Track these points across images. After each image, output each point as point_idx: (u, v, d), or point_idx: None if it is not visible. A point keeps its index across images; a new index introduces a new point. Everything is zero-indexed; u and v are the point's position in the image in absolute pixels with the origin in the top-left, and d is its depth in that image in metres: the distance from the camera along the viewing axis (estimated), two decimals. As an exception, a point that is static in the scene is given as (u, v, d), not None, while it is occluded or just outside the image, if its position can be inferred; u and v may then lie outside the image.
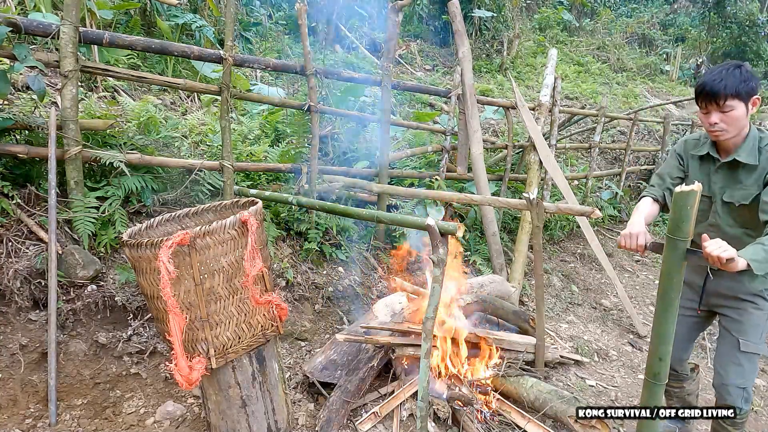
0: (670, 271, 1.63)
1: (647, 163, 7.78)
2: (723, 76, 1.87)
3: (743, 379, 2.10)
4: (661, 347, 1.70)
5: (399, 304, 3.15)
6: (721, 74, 1.88)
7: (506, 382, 2.85)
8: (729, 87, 1.85)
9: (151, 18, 5.42)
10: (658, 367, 1.73)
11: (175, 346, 1.79)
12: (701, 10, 16.33)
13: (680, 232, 1.57)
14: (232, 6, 3.07)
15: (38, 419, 2.34)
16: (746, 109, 1.91)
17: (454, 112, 4.77)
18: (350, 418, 2.59)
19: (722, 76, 1.87)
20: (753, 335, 2.09)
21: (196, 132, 3.94)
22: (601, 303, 4.85)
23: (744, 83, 1.86)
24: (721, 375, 2.14)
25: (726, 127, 1.93)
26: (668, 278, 1.64)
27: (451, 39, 10.57)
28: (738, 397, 2.09)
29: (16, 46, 2.50)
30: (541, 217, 2.84)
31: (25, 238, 2.65)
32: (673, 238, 1.59)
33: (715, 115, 1.92)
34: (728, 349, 2.14)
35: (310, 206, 3.16)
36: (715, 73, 1.90)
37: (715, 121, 1.93)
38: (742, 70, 1.88)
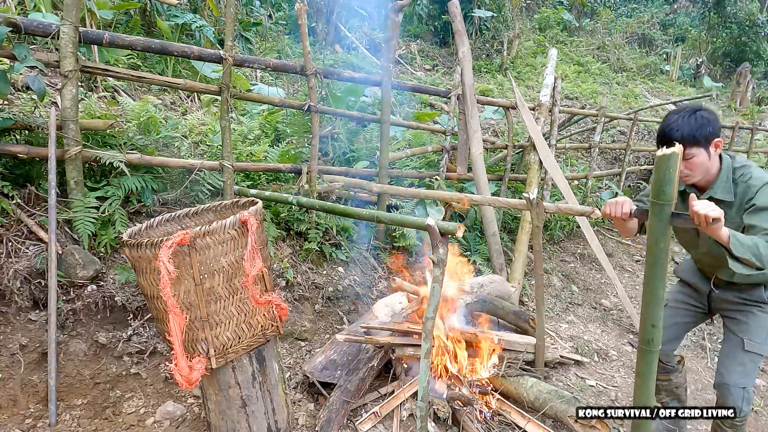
0: (656, 237, 1.63)
1: (647, 163, 7.78)
2: (679, 125, 1.88)
3: (745, 379, 2.12)
4: (652, 313, 1.71)
5: (399, 304, 3.15)
6: (677, 122, 1.89)
7: (506, 382, 2.85)
8: (685, 136, 1.86)
9: (151, 18, 5.42)
10: (650, 333, 1.74)
11: (175, 346, 1.79)
12: (701, 10, 16.33)
13: (664, 196, 1.57)
14: (232, 6, 3.07)
15: (38, 419, 2.34)
16: (708, 154, 1.91)
17: (454, 112, 4.77)
18: (350, 418, 2.59)
19: (678, 125, 1.88)
20: (757, 335, 2.12)
21: (196, 132, 3.94)
22: (601, 303, 4.85)
23: (700, 129, 1.86)
24: (723, 375, 2.16)
25: (690, 173, 1.95)
26: (655, 244, 1.63)
27: (451, 39, 10.57)
28: (739, 398, 2.11)
29: (16, 46, 2.50)
30: (541, 217, 2.84)
31: (25, 238, 2.65)
32: (658, 203, 1.59)
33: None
34: (732, 349, 2.16)
35: (310, 206, 3.17)
36: (671, 121, 1.91)
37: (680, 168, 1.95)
38: (698, 116, 1.88)
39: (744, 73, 13.02)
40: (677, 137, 1.87)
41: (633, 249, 6.36)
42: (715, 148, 1.92)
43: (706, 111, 1.90)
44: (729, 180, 1.97)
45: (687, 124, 1.87)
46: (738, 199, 1.96)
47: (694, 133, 1.86)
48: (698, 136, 1.87)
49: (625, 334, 4.24)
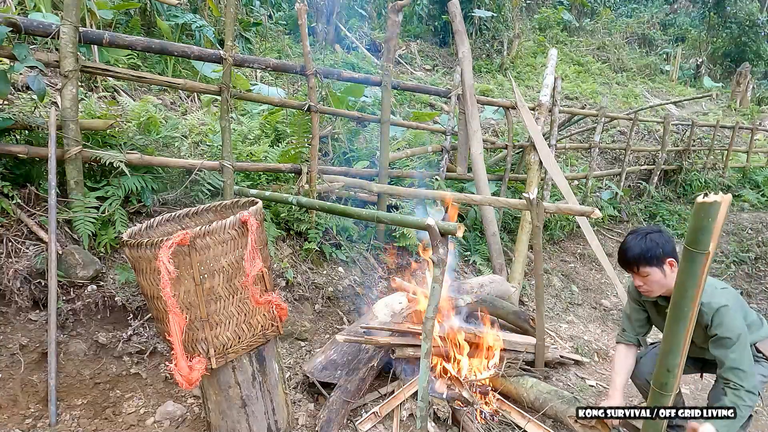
0: (684, 284, 1.58)
1: (647, 163, 7.78)
2: (630, 247, 2.05)
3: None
4: (669, 359, 1.68)
5: (399, 304, 3.14)
6: (630, 243, 2.06)
7: (506, 382, 2.85)
8: (637, 257, 2.04)
9: (151, 18, 5.42)
10: (665, 377, 1.71)
11: (175, 346, 1.79)
12: (701, 10, 16.33)
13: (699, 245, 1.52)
14: (232, 6, 3.07)
15: (38, 419, 2.34)
16: (662, 272, 2.04)
17: (454, 112, 4.77)
18: (350, 418, 2.59)
19: (630, 246, 2.06)
20: None
21: (196, 132, 3.94)
22: (601, 303, 4.85)
23: (650, 251, 2.01)
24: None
25: (649, 288, 2.11)
26: (682, 291, 1.59)
27: (451, 39, 10.57)
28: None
29: (16, 46, 2.50)
30: (541, 217, 2.84)
31: (25, 238, 2.65)
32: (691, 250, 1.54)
33: (637, 278, 2.11)
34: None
35: (310, 206, 3.17)
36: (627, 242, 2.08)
37: (639, 284, 2.12)
38: (648, 238, 2.03)
39: (744, 73, 13.03)
40: (630, 257, 2.06)
41: (633, 249, 6.36)
42: (669, 266, 2.04)
43: (657, 234, 2.05)
44: None
45: (638, 245, 2.04)
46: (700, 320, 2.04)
47: (645, 254, 2.02)
48: (649, 257, 2.02)
49: (625, 334, 4.24)
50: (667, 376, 1.70)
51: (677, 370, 1.69)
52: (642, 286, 2.12)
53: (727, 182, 8.39)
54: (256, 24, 7.23)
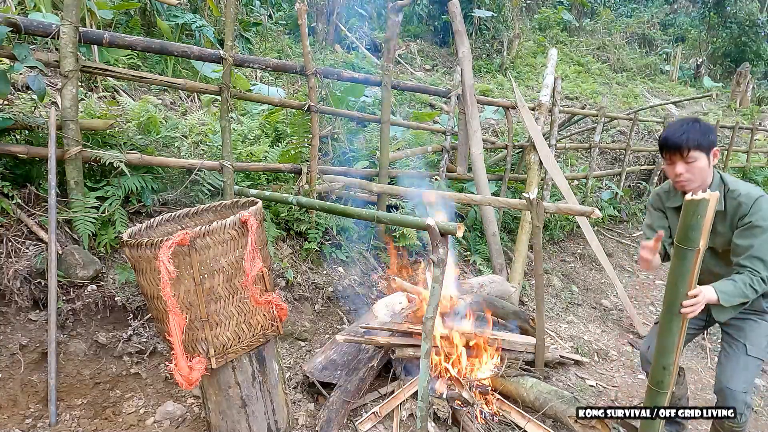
0: (676, 282, 1.61)
1: (647, 163, 7.78)
2: (684, 130, 2.00)
3: (747, 384, 2.14)
4: (665, 357, 1.69)
5: (399, 304, 3.15)
6: (683, 127, 2.01)
7: (506, 382, 2.85)
8: (691, 140, 1.98)
9: (151, 18, 5.42)
10: (661, 375, 1.72)
11: (175, 346, 1.79)
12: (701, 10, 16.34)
13: (689, 242, 1.54)
14: (232, 6, 3.07)
15: (38, 419, 2.34)
16: (708, 161, 2.03)
17: (454, 112, 4.77)
18: (350, 418, 2.59)
19: (684, 130, 2.00)
20: (757, 342, 2.16)
21: (196, 132, 3.93)
22: (601, 303, 4.85)
23: (704, 136, 1.98)
24: (724, 380, 2.17)
25: (691, 177, 2.05)
26: (674, 289, 1.62)
27: (451, 39, 10.58)
28: (741, 402, 2.12)
29: (16, 46, 2.50)
30: (541, 217, 2.84)
31: (25, 238, 2.65)
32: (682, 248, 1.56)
33: (680, 166, 2.04)
34: (734, 355, 2.18)
35: (310, 206, 3.17)
36: (676, 127, 2.03)
37: (680, 172, 2.05)
38: (701, 124, 2.02)
39: (744, 73, 13.03)
40: (683, 140, 1.98)
41: (633, 249, 6.36)
42: (713, 156, 2.03)
43: (704, 122, 2.03)
44: (721, 192, 2.07)
45: (692, 129, 1.99)
46: (729, 213, 2.06)
47: (698, 138, 1.97)
48: (702, 142, 1.98)
49: (625, 334, 4.24)
50: (663, 373, 1.71)
51: (673, 367, 1.70)
52: (682, 174, 2.03)
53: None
54: (256, 24, 7.23)
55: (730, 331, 2.23)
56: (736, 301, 1.90)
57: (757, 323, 2.18)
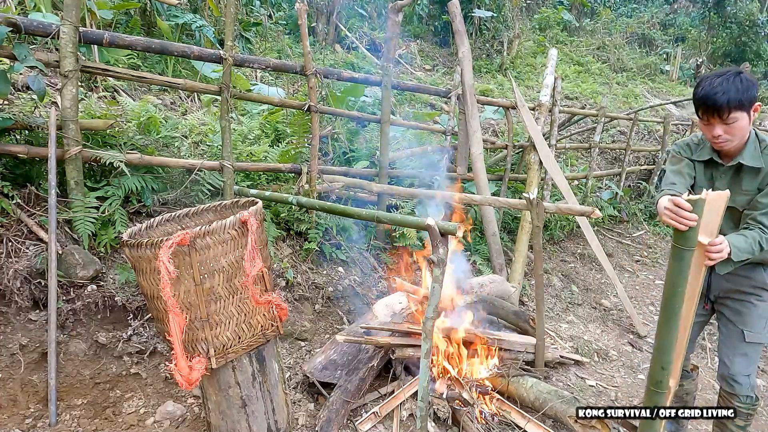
0: (674, 281, 1.60)
1: (647, 163, 7.78)
2: (724, 88, 1.81)
3: (749, 368, 2.14)
4: (663, 356, 1.68)
5: (399, 304, 3.15)
6: (723, 85, 1.81)
7: (506, 382, 2.85)
8: (732, 100, 1.80)
9: (151, 18, 5.42)
10: (660, 375, 1.71)
11: (175, 346, 1.79)
12: (701, 10, 16.33)
13: (686, 242, 1.55)
14: (232, 6, 3.07)
15: (38, 419, 2.34)
16: (749, 118, 1.87)
17: (454, 112, 4.77)
18: (350, 418, 2.59)
19: (724, 88, 1.81)
20: (757, 326, 2.12)
21: (196, 132, 3.94)
22: (601, 303, 4.85)
23: (746, 92, 1.81)
24: (727, 366, 2.17)
25: (730, 138, 1.90)
26: (672, 288, 1.61)
27: (451, 39, 10.57)
28: (745, 385, 2.12)
29: (16, 46, 2.50)
30: (541, 217, 2.84)
31: (25, 238, 2.65)
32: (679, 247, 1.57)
33: (719, 127, 1.88)
34: (733, 341, 2.16)
35: (310, 206, 3.17)
36: (716, 84, 1.83)
37: (719, 134, 1.90)
38: (743, 78, 1.82)
39: (744, 73, 13.00)
40: (724, 101, 1.80)
41: (633, 249, 6.36)
42: (755, 111, 1.88)
43: (746, 74, 1.84)
44: (757, 149, 1.95)
45: (733, 86, 1.80)
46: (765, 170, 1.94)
47: (740, 96, 1.80)
48: (744, 100, 1.81)
49: (625, 334, 4.24)
50: (662, 373, 1.71)
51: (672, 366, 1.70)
52: (721, 135, 1.88)
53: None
54: (256, 24, 7.23)
55: (729, 315, 2.18)
56: (745, 257, 1.81)
57: (754, 305, 2.12)
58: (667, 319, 1.64)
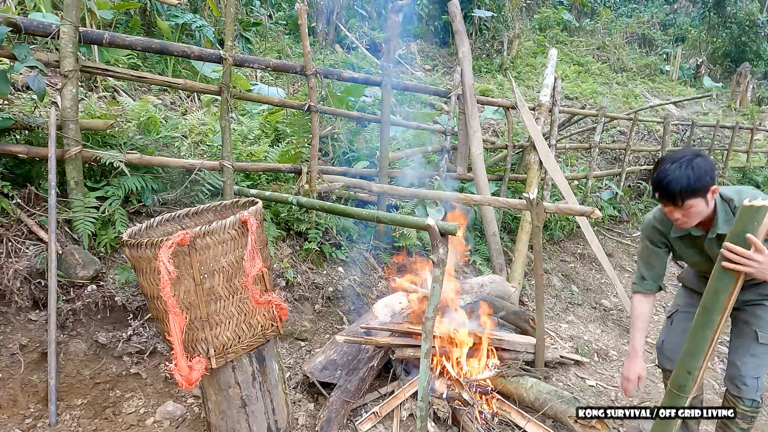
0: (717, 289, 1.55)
1: (647, 163, 7.78)
2: (676, 177, 1.80)
3: (758, 370, 2.14)
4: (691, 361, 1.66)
5: (399, 304, 3.15)
6: (675, 173, 1.80)
7: (506, 382, 2.85)
8: (683, 189, 1.80)
9: (151, 18, 5.42)
10: (684, 379, 1.69)
11: (175, 346, 1.79)
12: (701, 10, 16.34)
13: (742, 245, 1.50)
14: (232, 6, 3.07)
15: (38, 419, 2.34)
16: (706, 202, 1.86)
17: (454, 112, 4.77)
18: (350, 418, 2.59)
19: (676, 177, 1.80)
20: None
21: (196, 132, 3.94)
22: (601, 303, 4.85)
23: (698, 182, 1.79)
24: (737, 367, 2.17)
25: (689, 221, 1.91)
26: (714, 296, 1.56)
27: (451, 39, 10.58)
28: (753, 388, 2.12)
29: (16, 46, 2.50)
30: (541, 217, 2.84)
31: (25, 238, 2.65)
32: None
33: (676, 212, 1.89)
34: (745, 341, 2.17)
35: (310, 206, 3.17)
36: (668, 171, 1.82)
37: (677, 217, 1.91)
38: (695, 165, 1.80)
39: (744, 73, 13.03)
40: (676, 190, 1.81)
41: (633, 249, 6.36)
42: (712, 194, 1.85)
43: (701, 158, 1.82)
44: (728, 212, 1.94)
45: (685, 176, 1.79)
46: None
47: (692, 185, 1.79)
48: (696, 189, 1.79)
49: (625, 334, 4.24)
50: (687, 378, 1.68)
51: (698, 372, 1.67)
52: (680, 219, 1.89)
53: (727, 182, 8.39)
54: (256, 24, 7.23)
55: (742, 316, 2.20)
56: None
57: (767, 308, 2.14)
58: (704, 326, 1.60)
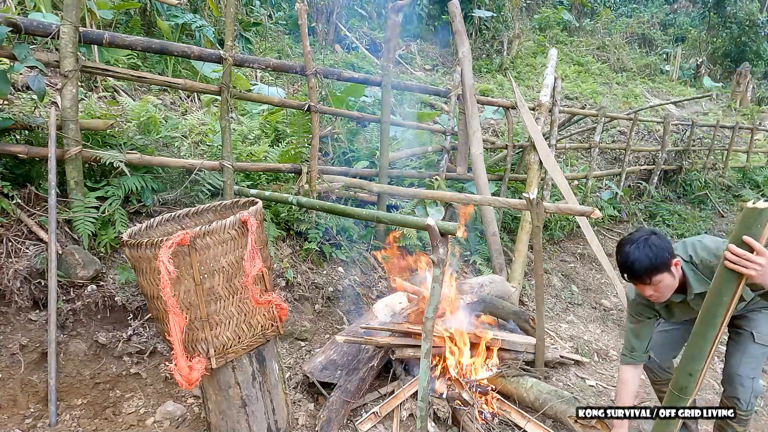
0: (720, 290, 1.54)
1: (647, 163, 7.78)
2: (636, 258, 1.87)
3: (754, 370, 2.17)
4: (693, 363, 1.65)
5: (399, 304, 3.15)
6: (634, 254, 1.88)
7: (506, 382, 2.85)
8: (646, 268, 1.87)
9: (151, 18, 5.42)
10: (686, 381, 1.69)
11: (175, 346, 1.79)
12: (701, 10, 16.34)
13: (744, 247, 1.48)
14: (232, 6, 3.07)
15: (38, 419, 2.34)
16: (672, 274, 1.91)
17: (454, 112, 4.77)
18: (350, 418, 2.59)
19: (635, 258, 1.88)
20: (765, 330, 2.18)
21: (196, 132, 3.94)
22: (601, 303, 4.85)
23: (657, 258, 1.86)
24: (733, 366, 2.19)
25: (661, 294, 1.96)
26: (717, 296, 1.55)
27: (451, 39, 10.57)
28: (749, 388, 2.14)
29: (16, 46, 2.50)
30: (541, 217, 2.84)
31: (25, 238, 2.65)
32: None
33: (647, 289, 1.95)
34: (741, 342, 2.20)
35: (310, 206, 3.17)
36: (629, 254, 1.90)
37: (649, 293, 1.97)
38: (652, 243, 1.87)
39: (744, 73, 13.03)
40: (640, 271, 1.88)
41: (633, 249, 6.35)
42: (675, 266, 1.92)
43: (655, 237, 1.90)
44: (696, 272, 1.99)
45: (645, 255, 1.87)
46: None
47: (653, 263, 1.87)
48: (658, 265, 1.87)
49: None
50: (689, 380, 1.68)
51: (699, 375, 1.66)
52: (653, 294, 1.97)
53: (727, 182, 8.40)
54: (256, 24, 7.23)
55: (738, 322, 2.24)
56: None
57: (763, 314, 2.20)
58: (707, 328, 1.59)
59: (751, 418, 2.21)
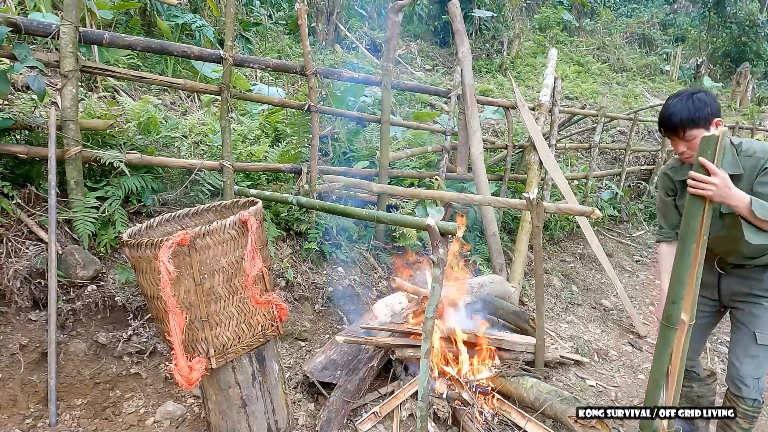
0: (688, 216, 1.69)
1: (647, 163, 7.78)
2: (677, 110, 1.93)
3: (758, 371, 2.15)
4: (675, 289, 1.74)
5: (399, 304, 3.15)
6: (676, 107, 1.94)
7: (506, 382, 2.85)
8: (684, 119, 1.92)
9: (151, 18, 5.42)
10: (671, 309, 1.77)
11: (175, 346, 1.79)
12: (701, 10, 16.34)
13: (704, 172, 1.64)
14: (232, 6, 3.07)
15: (38, 419, 2.34)
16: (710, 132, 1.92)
17: (454, 112, 4.77)
18: (350, 418, 2.59)
19: (676, 110, 1.94)
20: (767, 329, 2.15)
21: (196, 132, 3.94)
22: (601, 303, 4.85)
23: (698, 112, 1.90)
24: (736, 367, 2.18)
25: (692, 154, 1.98)
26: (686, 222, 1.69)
27: (451, 39, 10.58)
28: (753, 388, 2.13)
29: (16, 46, 2.50)
30: (541, 217, 2.84)
31: (25, 238, 2.65)
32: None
33: (681, 144, 2.01)
34: (744, 342, 2.18)
35: (310, 206, 3.17)
36: (670, 106, 1.96)
37: (682, 150, 2.02)
38: (696, 98, 1.92)
39: (744, 73, 13.02)
40: (676, 121, 1.93)
41: (633, 249, 6.36)
42: (715, 127, 1.92)
43: (703, 93, 1.94)
44: (734, 156, 1.99)
45: (685, 108, 1.92)
46: (747, 171, 1.97)
47: (692, 116, 1.91)
48: (697, 118, 1.91)
49: (625, 334, 4.24)
50: (673, 308, 1.76)
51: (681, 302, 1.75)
52: (685, 152, 2.00)
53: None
54: (256, 24, 7.23)
55: (740, 317, 2.21)
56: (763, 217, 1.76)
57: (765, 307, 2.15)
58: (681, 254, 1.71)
59: (759, 414, 2.19)
